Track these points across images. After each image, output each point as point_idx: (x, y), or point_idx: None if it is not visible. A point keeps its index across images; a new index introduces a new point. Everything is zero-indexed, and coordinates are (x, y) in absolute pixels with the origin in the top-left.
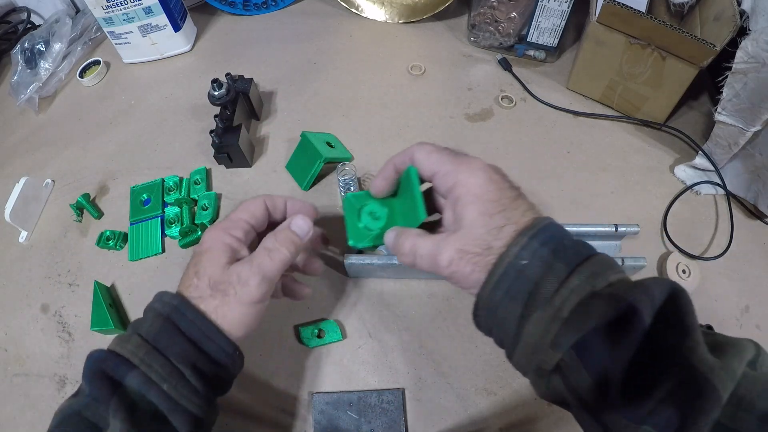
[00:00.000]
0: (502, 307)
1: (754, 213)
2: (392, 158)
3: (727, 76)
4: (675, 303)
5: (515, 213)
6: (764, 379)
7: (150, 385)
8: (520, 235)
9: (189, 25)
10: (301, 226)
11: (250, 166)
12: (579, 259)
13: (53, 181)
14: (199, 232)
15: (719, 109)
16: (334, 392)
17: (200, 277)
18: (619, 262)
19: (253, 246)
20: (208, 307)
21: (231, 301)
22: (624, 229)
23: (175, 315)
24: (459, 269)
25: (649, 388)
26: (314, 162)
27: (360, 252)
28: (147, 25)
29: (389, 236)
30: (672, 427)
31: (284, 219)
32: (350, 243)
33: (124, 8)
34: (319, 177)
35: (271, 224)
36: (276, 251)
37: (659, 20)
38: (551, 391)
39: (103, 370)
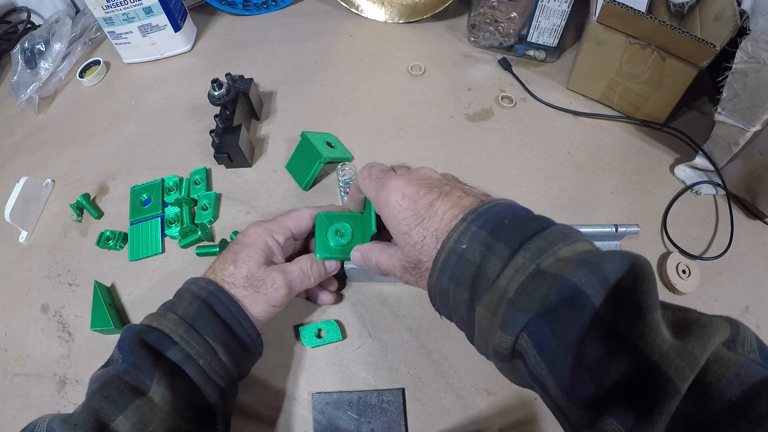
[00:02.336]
0: (451, 293)
1: (754, 213)
2: (354, 181)
3: (727, 76)
4: (633, 280)
5: (434, 220)
6: (739, 362)
7: (188, 360)
8: (461, 221)
9: (189, 25)
10: (332, 265)
11: (250, 166)
12: (525, 236)
13: (53, 181)
14: (199, 232)
15: (719, 109)
16: (334, 392)
17: (238, 267)
18: None
19: (287, 248)
20: (237, 295)
21: (260, 298)
22: (624, 229)
23: (213, 299)
24: (408, 280)
25: (601, 377)
26: (314, 162)
27: None
28: (147, 25)
29: (355, 256)
30: (627, 420)
31: None
32: (318, 256)
33: (124, 8)
34: (319, 177)
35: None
36: (308, 278)
37: (659, 20)
38: (520, 377)
39: (145, 342)
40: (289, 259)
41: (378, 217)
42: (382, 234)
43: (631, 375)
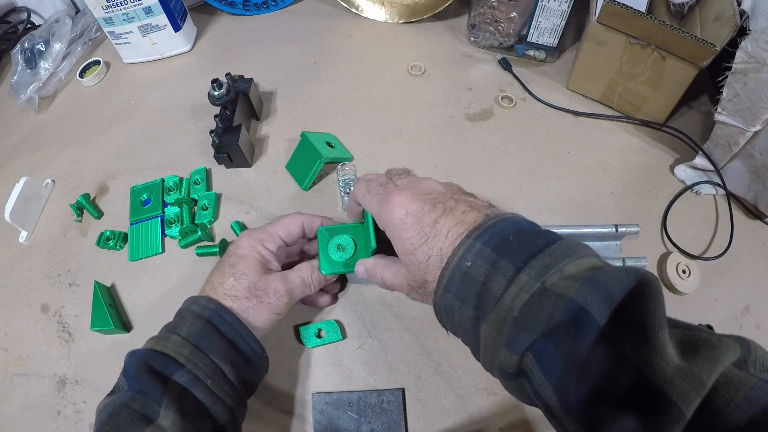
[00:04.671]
0: (456, 311)
1: (754, 213)
2: (352, 194)
3: (727, 76)
4: (639, 299)
5: (438, 239)
6: (750, 384)
7: (196, 381)
8: (466, 237)
9: (189, 25)
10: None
11: (250, 166)
12: (529, 253)
13: (53, 181)
14: (199, 232)
15: (719, 109)
16: (334, 392)
17: (239, 279)
18: (620, 263)
19: (280, 255)
20: (241, 307)
21: (264, 308)
22: (624, 229)
23: (216, 318)
24: (415, 297)
25: (606, 399)
26: (314, 162)
27: None
28: (147, 25)
29: (359, 270)
30: None
31: None
32: (323, 272)
33: (124, 8)
34: (319, 177)
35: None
36: (308, 286)
37: (659, 20)
38: (525, 395)
39: (151, 367)
40: (289, 265)
41: (378, 228)
42: (384, 244)
43: (635, 398)
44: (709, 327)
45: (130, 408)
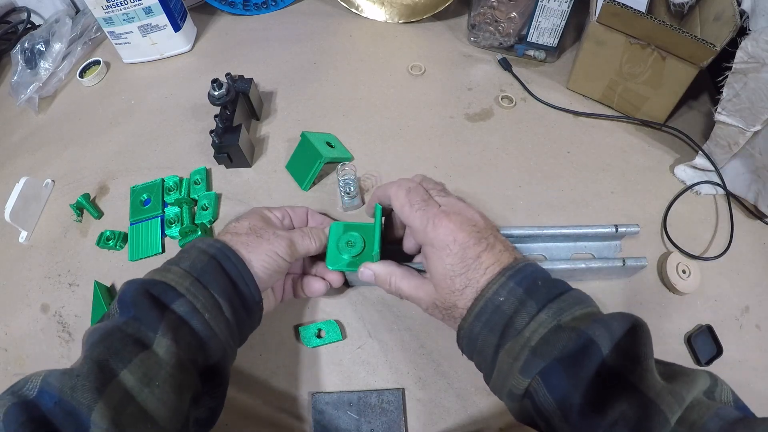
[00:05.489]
0: (481, 338)
1: (754, 213)
2: (375, 192)
3: (727, 76)
4: (633, 335)
5: (478, 272)
6: (717, 406)
7: (195, 313)
8: (499, 275)
9: (189, 25)
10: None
11: (250, 166)
12: (550, 297)
13: (53, 181)
14: (199, 232)
15: (719, 109)
16: (334, 392)
17: (241, 221)
18: (620, 263)
19: (285, 225)
20: (240, 240)
21: (263, 243)
22: (624, 229)
23: (220, 255)
24: (434, 316)
25: (604, 410)
26: (314, 162)
27: None
28: (147, 25)
29: (366, 274)
30: None
31: None
32: (328, 266)
33: (124, 8)
34: (319, 177)
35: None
36: (307, 237)
37: (659, 20)
38: (523, 414)
39: (150, 293)
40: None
41: (383, 228)
42: (390, 250)
43: (630, 410)
44: (710, 327)
45: (124, 332)
